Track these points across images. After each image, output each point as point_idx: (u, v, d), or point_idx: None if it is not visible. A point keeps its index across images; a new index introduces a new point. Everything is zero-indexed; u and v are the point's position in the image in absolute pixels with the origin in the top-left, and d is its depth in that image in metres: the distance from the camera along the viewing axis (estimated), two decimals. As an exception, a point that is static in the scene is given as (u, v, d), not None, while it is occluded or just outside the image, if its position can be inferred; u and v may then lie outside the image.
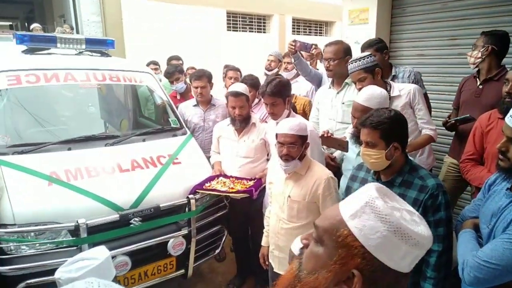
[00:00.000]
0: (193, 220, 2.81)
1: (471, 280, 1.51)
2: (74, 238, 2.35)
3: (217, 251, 3.13)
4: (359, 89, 2.50)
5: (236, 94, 2.96)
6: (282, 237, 2.30)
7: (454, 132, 3.06)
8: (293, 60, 3.58)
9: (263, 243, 2.53)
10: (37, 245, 2.32)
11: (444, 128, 3.06)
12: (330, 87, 3.11)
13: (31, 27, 7.29)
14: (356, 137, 2.24)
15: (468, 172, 2.47)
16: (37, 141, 2.77)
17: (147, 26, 7.75)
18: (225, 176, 3.06)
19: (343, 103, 2.94)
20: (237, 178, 2.99)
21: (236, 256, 3.47)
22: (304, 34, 11.95)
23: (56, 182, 2.51)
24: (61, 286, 1.44)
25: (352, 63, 2.60)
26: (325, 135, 2.55)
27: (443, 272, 1.74)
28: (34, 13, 12.82)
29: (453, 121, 2.93)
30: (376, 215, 0.76)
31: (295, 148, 2.17)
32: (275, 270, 2.42)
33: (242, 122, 3.01)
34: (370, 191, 0.80)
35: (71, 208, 2.43)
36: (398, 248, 0.75)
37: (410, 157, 1.90)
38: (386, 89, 2.53)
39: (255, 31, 10.83)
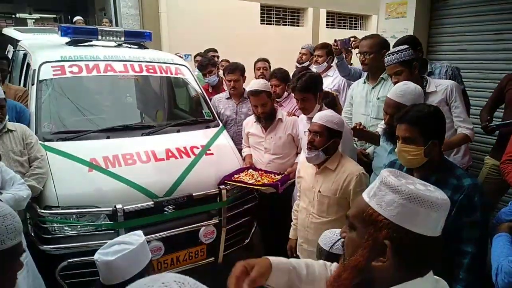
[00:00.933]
0: (224, 210, 2.87)
1: (505, 286, 1.46)
2: (112, 222, 2.47)
3: (246, 241, 3.18)
4: (395, 83, 2.44)
5: (256, 93, 2.96)
6: (311, 231, 2.31)
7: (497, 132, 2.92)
8: (336, 61, 3.54)
9: (290, 235, 2.55)
10: (78, 227, 2.46)
11: (484, 131, 2.92)
12: (365, 82, 3.05)
13: (74, 20, 7.59)
14: (388, 134, 2.20)
15: (509, 174, 2.36)
16: (78, 129, 2.92)
17: (182, 19, 7.88)
18: (255, 168, 3.09)
19: (378, 99, 2.88)
20: (265, 171, 3.02)
21: (264, 247, 3.51)
22: (338, 28, 11.73)
23: (95, 168, 2.64)
24: (99, 268, 1.51)
25: (389, 56, 2.54)
26: (357, 127, 2.52)
27: (475, 275, 1.68)
28: (77, 6, 13.32)
29: (495, 126, 2.79)
30: (390, 189, 0.87)
31: (318, 138, 2.17)
32: None
33: (267, 119, 3.02)
34: (383, 173, 0.92)
35: (109, 193, 2.56)
36: (417, 213, 0.84)
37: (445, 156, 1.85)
38: (422, 85, 2.46)
39: (288, 25, 10.74)
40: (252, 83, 3.07)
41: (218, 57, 5.06)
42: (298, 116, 3.14)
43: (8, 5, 15.58)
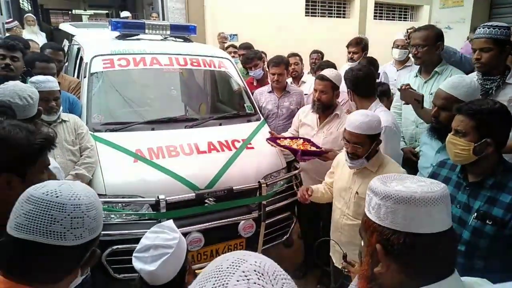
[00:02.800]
0: (263, 204, 2.85)
1: None
2: (155, 212, 2.53)
3: (285, 237, 3.15)
4: (476, 60, 2.25)
5: (321, 78, 2.87)
6: (345, 233, 2.24)
7: None
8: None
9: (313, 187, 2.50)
10: (123, 215, 2.55)
11: None
12: (416, 75, 2.88)
13: (122, 15, 7.86)
14: (435, 130, 2.05)
15: None
16: (125, 120, 3.02)
17: (226, 13, 7.92)
18: (303, 139, 3.03)
19: (431, 94, 2.71)
20: (309, 142, 2.94)
21: (304, 244, 3.47)
22: (386, 19, 11.24)
23: (140, 159, 2.72)
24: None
25: (481, 28, 2.30)
26: (403, 88, 2.38)
27: None
28: (127, 1, 13.86)
29: None
30: (372, 192, 0.92)
31: (361, 149, 2.06)
32: (335, 264, 2.36)
33: (322, 109, 2.90)
34: (373, 179, 0.96)
35: (152, 184, 2.62)
36: (395, 211, 0.85)
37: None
38: (504, 73, 2.27)
39: (334, 17, 10.46)
40: (326, 70, 2.96)
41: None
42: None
43: (66, 2, 16.53)
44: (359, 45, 3.99)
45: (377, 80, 3.31)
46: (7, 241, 0.84)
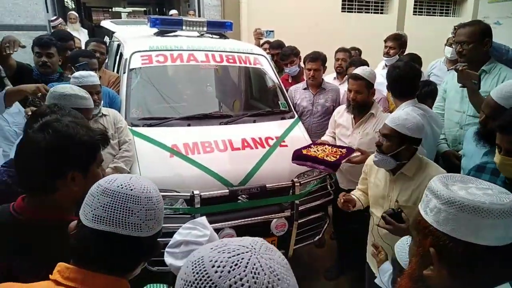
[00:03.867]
0: (296, 203, 2.82)
1: None
2: (189, 207, 2.56)
3: (317, 237, 3.10)
4: None
5: (355, 77, 2.76)
6: (385, 241, 2.15)
7: None
8: None
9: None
10: (158, 209, 2.59)
11: None
12: (462, 74, 2.73)
13: (170, 12, 7.98)
14: (481, 135, 1.93)
15: None
16: (162, 115, 3.08)
17: (262, 9, 7.89)
18: (321, 143, 2.94)
19: (477, 93, 2.56)
20: (334, 146, 2.84)
21: (337, 246, 3.41)
22: (427, 15, 10.79)
23: (176, 154, 2.76)
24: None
25: None
26: (461, 68, 2.29)
27: None
28: (164, -1, 14.14)
29: None
30: (433, 194, 0.87)
31: (386, 142, 1.97)
32: (372, 269, 2.29)
33: (358, 109, 2.80)
34: (433, 178, 0.92)
35: (187, 179, 2.66)
36: (459, 219, 0.81)
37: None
38: None
39: (371, 12, 10.17)
40: (359, 69, 2.87)
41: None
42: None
43: (106, 0, 17.11)
44: (397, 40, 3.85)
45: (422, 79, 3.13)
46: (84, 232, 0.89)
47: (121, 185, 0.90)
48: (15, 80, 2.72)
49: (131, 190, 0.90)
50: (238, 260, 0.60)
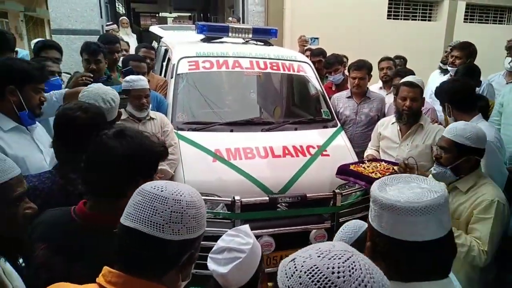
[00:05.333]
0: (337, 215, 2.76)
1: None
2: (230, 212, 2.59)
3: (357, 250, 3.02)
4: None
5: (411, 85, 2.66)
6: None
7: None
8: None
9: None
10: (200, 212, 2.64)
11: None
12: (520, 87, 2.58)
13: (229, 19, 8.09)
14: None
15: None
16: (206, 120, 3.14)
17: (306, 16, 7.87)
18: (375, 160, 2.83)
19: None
20: (386, 162, 2.72)
21: (375, 259, 3.30)
22: (479, 23, 10.28)
23: (219, 159, 2.80)
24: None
25: None
26: None
27: None
28: (209, 5, 14.47)
29: None
30: (373, 203, 0.96)
31: (444, 154, 1.90)
32: None
33: (410, 118, 2.67)
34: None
35: (228, 184, 2.69)
36: (380, 215, 0.92)
37: None
38: None
39: (419, 19, 9.84)
40: (410, 77, 2.79)
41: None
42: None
43: (155, 6, 17.80)
44: (464, 50, 3.62)
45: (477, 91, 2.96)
46: (120, 229, 0.92)
47: (155, 186, 0.92)
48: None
49: (161, 191, 0.91)
50: (352, 263, 0.65)
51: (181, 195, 0.92)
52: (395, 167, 2.58)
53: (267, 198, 2.64)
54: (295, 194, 2.70)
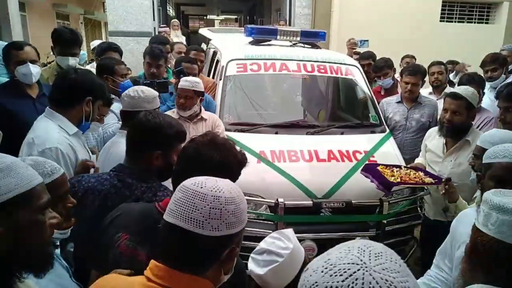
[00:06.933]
0: (383, 223, 2.68)
1: None
2: (273, 214, 2.60)
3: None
4: None
5: (454, 96, 2.46)
6: None
7: None
8: None
9: None
10: (243, 212, 2.67)
11: None
12: None
13: (278, 21, 8.15)
14: None
15: None
16: (252, 122, 3.18)
17: (354, 18, 7.73)
18: (417, 168, 2.64)
19: None
20: (427, 174, 2.53)
21: (421, 272, 3.15)
22: (543, 25, 9.55)
23: (263, 160, 2.82)
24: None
25: None
26: None
27: None
28: (256, 7, 14.63)
29: None
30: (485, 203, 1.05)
31: (475, 161, 1.84)
32: None
33: (450, 132, 2.47)
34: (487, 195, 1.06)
35: (271, 186, 2.69)
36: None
37: None
38: None
39: (475, 22, 9.33)
40: (461, 87, 2.60)
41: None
42: None
43: (203, 9, 18.29)
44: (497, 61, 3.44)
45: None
46: (163, 225, 0.94)
47: (195, 182, 0.94)
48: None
49: (201, 187, 0.92)
50: (353, 283, 0.61)
51: (220, 191, 0.92)
52: (427, 179, 2.41)
53: (311, 202, 2.61)
54: (340, 199, 2.65)
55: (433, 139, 2.70)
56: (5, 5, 3.63)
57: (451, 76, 4.30)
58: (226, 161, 1.28)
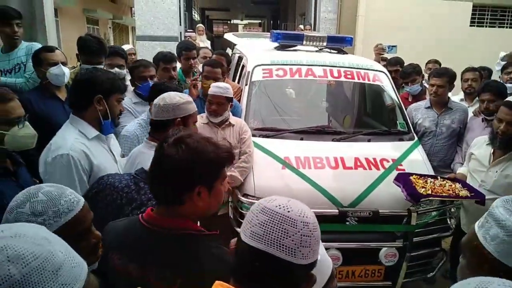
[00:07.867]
0: (411, 234, 2.61)
1: None
2: (298, 221, 2.56)
3: (431, 274, 2.82)
4: None
5: (509, 105, 2.35)
6: None
7: None
8: None
9: None
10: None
11: None
12: None
13: (300, 26, 8.15)
14: None
15: None
16: (277, 127, 3.16)
17: (380, 23, 7.61)
18: (455, 179, 2.65)
19: None
20: (465, 186, 2.51)
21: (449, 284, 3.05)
22: None
23: (288, 166, 2.79)
24: None
25: None
26: None
27: None
28: (279, 12, 14.65)
29: None
30: (495, 222, 0.90)
31: None
32: None
33: (503, 143, 2.38)
34: (495, 203, 0.95)
35: (296, 192, 2.65)
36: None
37: None
38: None
39: (507, 26, 9.03)
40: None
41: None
42: None
43: (228, 13, 18.49)
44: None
45: None
46: (242, 248, 0.89)
47: (280, 205, 0.89)
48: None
49: (288, 212, 0.87)
50: None
51: (307, 217, 0.89)
52: (462, 192, 2.35)
53: (337, 210, 2.57)
54: (367, 209, 2.59)
55: (480, 148, 2.61)
56: (42, 11, 3.78)
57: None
58: (189, 161, 1.15)
